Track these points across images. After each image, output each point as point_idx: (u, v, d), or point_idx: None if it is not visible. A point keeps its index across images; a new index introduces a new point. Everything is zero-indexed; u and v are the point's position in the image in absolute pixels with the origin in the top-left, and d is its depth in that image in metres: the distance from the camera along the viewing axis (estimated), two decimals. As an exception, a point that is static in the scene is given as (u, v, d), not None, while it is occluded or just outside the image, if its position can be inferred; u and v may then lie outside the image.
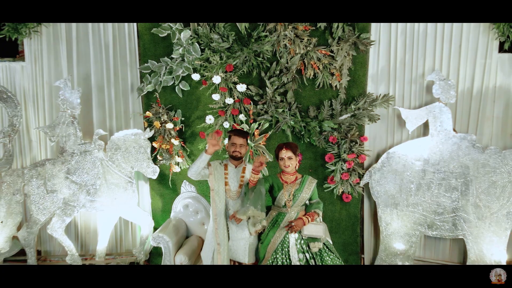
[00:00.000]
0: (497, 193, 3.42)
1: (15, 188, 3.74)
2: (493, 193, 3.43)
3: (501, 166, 3.42)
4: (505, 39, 3.52)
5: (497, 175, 3.43)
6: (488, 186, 3.44)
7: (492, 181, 3.43)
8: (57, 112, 3.95)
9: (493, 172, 3.43)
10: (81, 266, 2.12)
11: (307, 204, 2.97)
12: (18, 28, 3.74)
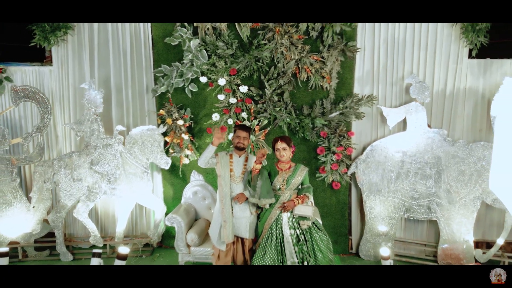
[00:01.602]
0: (465, 180, 3.94)
1: (46, 177, 4.27)
2: (461, 181, 3.96)
3: (468, 157, 3.94)
4: (473, 47, 4.04)
5: (465, 165, 3.95)
6: (458, 174, 3.96)
7: (461, 170, 3.96)
8: (81, 110, 4.50)
9: (461, 162, 3.95)
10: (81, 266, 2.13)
11: (299, 188, 3.49)
12: (48, 37, 4.27)
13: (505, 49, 4.18)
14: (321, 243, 3.39)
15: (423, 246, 4.39)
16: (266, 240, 3.35)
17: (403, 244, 4.43)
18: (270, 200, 3.31)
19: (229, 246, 3.43)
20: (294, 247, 3.30)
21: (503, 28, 4.08)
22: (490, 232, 4.32)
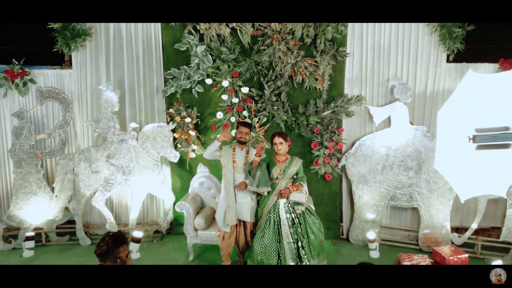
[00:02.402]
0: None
1: (67, 169, 4.75)
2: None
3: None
4: (450, 52, 4.51)
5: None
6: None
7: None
8: (97, 109, 4.98)
9: (439, 155, 4.42)
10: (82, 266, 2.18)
11: (294, 178, 3.96)
12: (68, 43, 4.74)
13: (480, 54, 4.65)
14: (313, 226, 3.87)
15: (407, 231, 4.86)
16: (265, 223, 3.83)
17: (389, 230, 4.91)
18: (267, 189, 3.80)
19: (232, 228, 3.91)
20: (290, 229, 3.78)
21: (477, 35, 4.54)
22: (467, 219, 4.79)
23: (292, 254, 3.75)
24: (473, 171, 2.04)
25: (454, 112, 2.11)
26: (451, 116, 2.12)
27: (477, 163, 1.99)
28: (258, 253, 3.76)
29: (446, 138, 2.19)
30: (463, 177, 2.14)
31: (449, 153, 2.18)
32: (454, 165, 2.15)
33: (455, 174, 2.19)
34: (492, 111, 1.93)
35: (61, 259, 4.45)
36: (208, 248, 4.68)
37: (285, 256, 3.73)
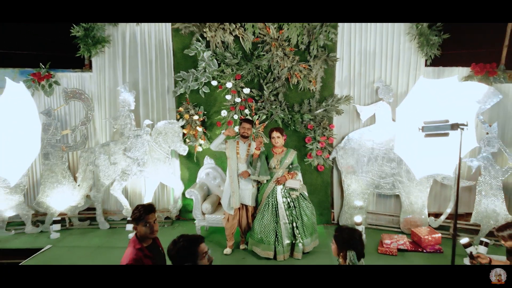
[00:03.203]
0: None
1: (89, 161, 5.35)
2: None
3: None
4: (428, 58, 5.10)
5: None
6: (415, 158, 5.03)
7: (417, 155, 5.02)
8: (114, 108, 5.57)
9: (418, 148, 5.01)
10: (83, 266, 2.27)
11: (290, 167, 4.55)
12: (90, 49, 5.33)
13: (454, 59, 5.24)
14: (307, 209, 4.47)
15: (391, 216, 5.46)
16: (264, 206, 4.43)
17: (375, 215, 5.51)
18: (266, 177, 4.41)
19: (236, 211, 4.51)
20: (286, 211, 4.38)
21: (452, 42, 5.13)
22: (444, 205, 5.37)
23: (288, 233, 4.35)
24: (424, 154, 2.61)
25: (409, 108, 2.69)
26: (407, 112, 2.70)
27: (427, 148, 2.57)
28: (258, 232, 4.36)
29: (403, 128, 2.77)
30: (417, 159, 2.72)
31: (405, 140, 2.76)
32: (409, 150, 2.73)
33: (411, 157, 2.77)
34: (436, 108, 2.51)
35: (84, 240, 5.04)
36: (214, 231, 5.28)
37: (282, 234, 4.32)
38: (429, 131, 2.50)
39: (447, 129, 2.43)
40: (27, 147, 2.56)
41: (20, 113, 2.60)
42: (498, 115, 5.18)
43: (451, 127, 2.43)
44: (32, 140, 2.59)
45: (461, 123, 2.42)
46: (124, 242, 4.86)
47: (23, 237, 5.18)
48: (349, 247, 2.35)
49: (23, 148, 2.57)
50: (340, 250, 2.40)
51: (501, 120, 5.18)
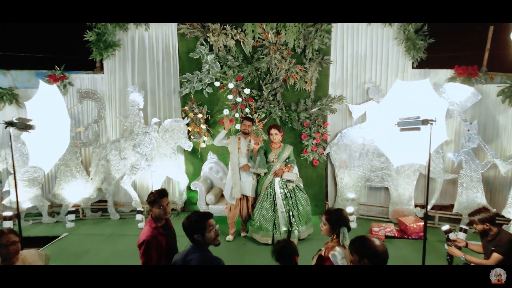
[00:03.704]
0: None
1: (101, 156, 5.76)
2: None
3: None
4: (414, 61, 5.52)
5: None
6: (402, 153, 5.44)
7: (404, 150, 5.43)
8: (124, 107, 5.99)
9: (405, 144, 5.43)
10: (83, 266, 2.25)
11: (286, 161, 4.97)
12: (101, 53, 5.75)
13: (439, 62, 5.66)
14: (302, 199, 4.89)
15: (381, 208, 5.88)
16: (263, 197, 4.84)
17: (366, 207, 5.93)
18: (264, 170, 4.82)
19: (237, 201, 4.92)
20: (283, 201, 4.79)
21: (437, 46, 5.54)
22: (430, 197, 5.80)
23: (285, 221, 4.76)
24: (400, 146, 3.03)
25: (388, 106, 3.11)
26: (386, 109, 3.12)
27: (403, 140, 2.98)
28: (257, 220, 4.79)
29: (383, 124, 3.18)
30: (394, 151, 3.13)
31: (385, 134, 3.17)
32: (388, 142, 3.15)
33: (389, 148, 3.18)
34: (410, 106, 2.92)
35: (97, 229, 5.46)
36: (217, 220, 5.54)
37: (279, 222, 4.74)
38: (403, 126, 2.91)
39: (418, 124, 2.84)
40: (58, 140, 2.97)
41: (52, 110, 3.01)
42: (480, 113, 5.60)
43: (422, 123, 2.84)
44: (63, 134, 3.00)
45: (430, 119, 2.84)
46: (134, 231, 5.28)
47: (40, 227, 5.60)
48: (340, 224, 2.73)
49: (55, 141, 2.99)
50: (333, 229, 2.77)
51: (482, 118, 5.60)
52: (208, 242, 2.49)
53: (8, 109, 5.92)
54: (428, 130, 2.91)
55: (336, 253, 2.61)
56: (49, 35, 6.30)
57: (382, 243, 2.27)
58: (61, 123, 3.02)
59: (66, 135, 3.06)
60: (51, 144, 3.00)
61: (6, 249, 2.58)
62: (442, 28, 5.49)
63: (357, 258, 2.24)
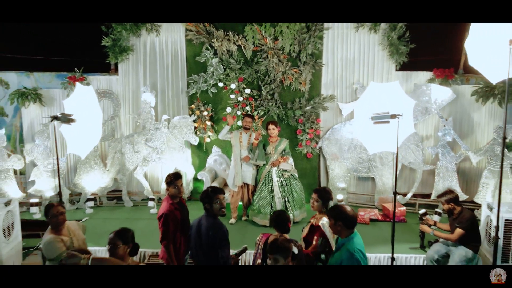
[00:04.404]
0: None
1: (116, 149, 6.41)
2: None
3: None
4: (397, 64, 6.17)
5: (391, 140, 6.06)
6: (386, 146, 6.08)
7: (388, 144, 6.07)
8: (137, 106, 6.64)
9: (389, 138, 6.07)
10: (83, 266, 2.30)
11: (283, 153, 5.61)
12: (117, 56, 6.40)
13: (419, 65, 6.30)
14: (296, 187, 5.54)
15: (368, 196, 6.53)
16: (262, 184, 5.49)
17: (355, 195, 6.58)
18: (263, 162, 5.46)
19: (239, 189, 5.57)
20: (279, 188, 5.43)
21: (418, 50, 6.18)
22: (411, 186, 6.44)
23: (281, 206, 5.40)
24: (374, 136, 3.66)
25: (364, 104, 3.75)
26: (363, 106, 3.76)
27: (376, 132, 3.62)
28: (257, 205, 5.43)
29: (359, 119, 3.82)
30: (370, 140, 3.77)
31: (362, 127, 3.81)
32: (365, 133, 3.79)
33: (366, 138, 3.82)
34: (382, 103, 3.56)
35: (114, 214, 6.11)
36: None
37: (276, 207, 5.38)
38: (376, 120, 3.54)
39: (388, 118, 3.47)
40: (93, 131, 3.61)
41: (87, 106, 3.65)
42: (456, 111, 6.24)
43: (391, 117, 3.47)
44: (96, 127, 3.64)
45: (398, 114, 3.47)
46: (147, 215, 5.94)
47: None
48: (329, 199, 3.42)
49: (90, 132, 3.63)
50: (324, 204, 3.41)
51: (459, 116, 6.25)
52: (215, 212, 3.13)
53: (32, 108, 6.58)
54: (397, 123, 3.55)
55: (324, 222, 3.27)
56: (69, 40, 6.94)
57: (353, 210, 2.91)
58: (95, 117, 3.67)
59: (99, 127, 3.71)
60: (87, 134, 3.65)
61: (56, 218, 3.23)
62: (422, 34, 6.13)
63: (333, 221, 2.87)
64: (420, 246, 4.65)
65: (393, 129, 3.61)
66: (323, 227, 3.28)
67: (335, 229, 2.89)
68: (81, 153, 3.79)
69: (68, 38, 6.94)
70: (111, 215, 6.06)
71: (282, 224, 3.19)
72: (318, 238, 3.30)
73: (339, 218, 2.83)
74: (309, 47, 6.20)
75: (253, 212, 5.51)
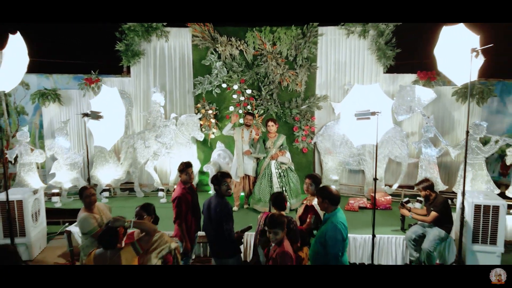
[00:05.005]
0: (378, 145, 6.67)
1: (129, 145, 7.03)
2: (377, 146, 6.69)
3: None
4: (385, 67, 6.79)
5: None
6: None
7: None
8: (147, 105, 7.25)
9: (377, 134, 6.69)
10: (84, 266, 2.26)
11: (280, 147, 6.23)
12: (129, 60, 7.02)
13: (405, 68, 6.92)
14: (293, 178, 6.16)
15: (359, 187, 7.15)
16: (262, 176, 6.11)
17: (347, 186, 7.20)
18: (262, 155, 6.09)
19: (241, 179, 6.19)
20: (278, 179, 6.05)
21: (403, 54, 6.80)
22: (397, 178, 7.06)
23: (279, 195, 6.02)
24: (358, 130, 4.27)
25: (348, 103, 4.37)
26: (347, 105, 4.38)
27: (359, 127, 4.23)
28: (257, 194, 6.05)
29: (345, 116, 4.45)
30: (354, 134, 4.39)
31: (347, 123, 4.44)
32: (350, 128, 4.41)
33: (351, 133, 4.45)
34: (362, 102, 4.18)
35: (128, 203, 6.73)
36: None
37: (274, 196, 6.00)
38: (359, 116, 4.16)
39: (368, 115, 4.08)
40: (116, 126, 4.23)
41: (112, 104, 4.28)
42: (439, 110, 6.86)
43: (371, 114, 4.09)
44: (119, 122, 4.26)
45: (377, 111, 4.08)
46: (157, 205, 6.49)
47: (79, 202, 6.83)
48: (320, 184, 4.03)
49: (114, 127, 4.25)
50: (316, 187, 4.01)
51: (441, 114, 6.87)
52: (223, 192, 3.75)
53: (51, 107, 7.19)
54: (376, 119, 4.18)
55: (316, 203, 3.90)
56: (85, 44, 7.56)
57: (337, 190, 3.54)
58: (119, 114, 4.30)
59: (122, 123, 4.34)
60: (112, 129, 4.28)
61: (89, 198, 3.86)
62: (407, 40, 6.75)
63: (321, 199, 3.50)
64: (401, 228, 5.27)
65: (373, 124, 4.23)
66: (316, 207, 3.90)
67: (323, 206, 3.51)
68: (107, 145, 4.42)
69: (85, 42, 7.55)
70: (125, 204, 6.67)
71: (280, 203, 3.80)
72: (312, 216, 3.91)
73: (325, 196, 3.45)
74: (305, 52, 6.82)
75: (254, 200, 6.13)
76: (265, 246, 3.45)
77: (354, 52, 6.94)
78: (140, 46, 7.09)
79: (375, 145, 4.33)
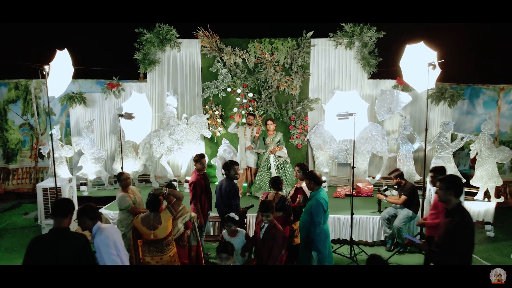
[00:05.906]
0: (363, 141, 7.71)
1: (146, 141, 8.04)
2: (361, 141, 7.73)
3: (365, 130, 7.68)
4: (369, 74, 7.82)
5: (363, 133, 7.71)
6: (360, 138, 7.72)
7: (361, 136, 7.72)
8: (162, 106, 8.28)
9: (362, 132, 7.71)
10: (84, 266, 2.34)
11: (278, 143, 7.25)
12: (146, 67, 8.05)
13: (386, 74, 7.94)
14: (289, 169, 7.18)
15: (346, 178, 8.17)
16: (262, 167, 7.13)
17: (336, 178, 8.23)
18: (262, 150, 7.12)
19: (244, 171, 7.21)
20: (276, 170, 7.07)
21: (385, 63, 7.82)
22: (380, 171, 8.08)
23: (276, 184, 7.04)
24: (339, 128, 5.29)
25: (331, 106, 5.40)
26: (331, 107, 5.41)
27: (340, 125, 5.25)
28: (258, 183, 7.08)
29: (329, 116, 5.48)
30: (336, 131, 5.42)
31: (330, 122, 5.47)
32: (333, 126, 5.44)
33: (334, 130, 5.47)
34: (344, 105, 5.18)
35: (144, 192, 7.71)
36: None
37: (273, 184, 7.02)
38: (339, 116, 5.19)
39: (347, 115, 5.11)
40: (144, 124, 5.25)
41: (141, 107, 5.31)
42: (416, 111, 7.89)
43: (349, 115, 5.11)
44: (147, 121, 5.29)
45: (354, 113, 5.11)
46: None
47: (103, 192, 7.89)
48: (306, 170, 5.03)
49: (142, 125, 5.27)
50: (304, 172, 4.99)
51: (418, 114, 7.90)
52: (231, 176, 4.77)
53: (78, 108, 8.22)
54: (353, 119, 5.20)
55: (304, 185, 4.91)
56: (106, 53, 8.59)
57: (320, 173, 4.56)
58: (146, 115, 5.33)
59: (149, 121, 5.36)
60: (141, 127, 5.31)
61: (125, 181, 4.87)
62: (388, 50, 7.77)
63: (308, 181, 4.52)
64: (377, 210, 6.29)
65: (351, 123, 5.27)
66: (304, 188, 4.92)
67: (309, 186, 4.53)
68: (136, 140, 5.46)
69: (106, 51, 8.58)
70: (143, 193, 7.67)
71: (277, 185, 4.82)
72: (300, 196, 4.93)
73: (311, 178, 4.47)
74: (299, 60, 7.84)
75: (255, 189, 7.15)
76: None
77: (342, 61, 7.97)
78: (155, 55, 8.11)
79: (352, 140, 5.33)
